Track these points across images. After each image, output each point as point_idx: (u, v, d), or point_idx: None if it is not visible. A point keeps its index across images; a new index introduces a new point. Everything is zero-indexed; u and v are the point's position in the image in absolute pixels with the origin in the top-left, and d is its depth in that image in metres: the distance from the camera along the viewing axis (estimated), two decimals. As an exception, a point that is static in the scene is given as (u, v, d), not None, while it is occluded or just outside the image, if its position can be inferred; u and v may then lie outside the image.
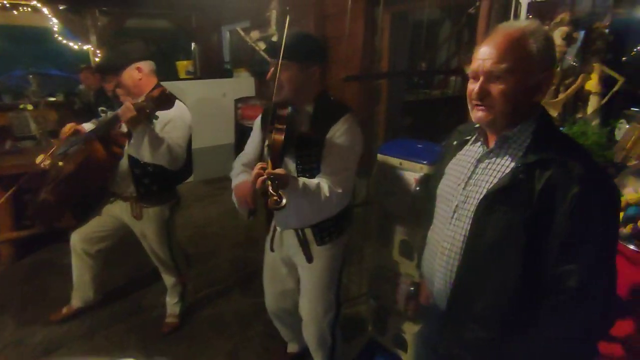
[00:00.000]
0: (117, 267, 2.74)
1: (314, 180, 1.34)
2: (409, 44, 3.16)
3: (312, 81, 1.40)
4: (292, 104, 1.38)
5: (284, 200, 1.08)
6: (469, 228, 0.97)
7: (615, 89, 1.91)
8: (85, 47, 4.48)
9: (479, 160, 1.01)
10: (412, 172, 1.61)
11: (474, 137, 1.07)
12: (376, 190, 1.77)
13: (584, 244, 0.84)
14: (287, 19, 1.33)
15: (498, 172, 0.95)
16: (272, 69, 1.36)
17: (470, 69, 0.94)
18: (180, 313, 2.27)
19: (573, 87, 1.96)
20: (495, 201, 0.92)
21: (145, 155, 1.73)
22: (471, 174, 1.02)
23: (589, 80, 1.98)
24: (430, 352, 1.28)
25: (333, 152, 1.37)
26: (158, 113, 1.64)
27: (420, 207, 1.59)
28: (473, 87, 0.93)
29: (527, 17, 2.37)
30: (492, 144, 0.99)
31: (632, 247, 1.31)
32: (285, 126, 1.29)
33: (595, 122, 1.90)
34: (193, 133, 1.96)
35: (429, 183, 1.59)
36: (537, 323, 0.89)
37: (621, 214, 1.32)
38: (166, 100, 1.59)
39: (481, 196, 0.95)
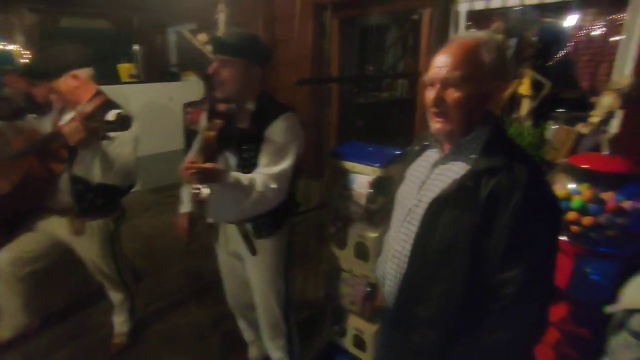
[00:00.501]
0: (56, 286, 2.52)
1: (249, 175, 1.39)
2: (358, 48, 3.23)
3: (254, 80, 1.46)
4: (233, 100, 1.45)
5: (204, 193, 1.20)
6: (417, 231, 1.00)
7: (544, 92, 2.09)
8: (10, 47, 4.07)
9: (434, 165, 1.04)
10: (365, 175, 1.64)
11: (430, 143, 1.10)
12: (330, 194, 1.79)
13: (522, 252, 0.87)
14: (223, 19, 1.41)
15: (450, 177, 0.98)
16: (216, 64, 1.42)
17: (427, 77, 0.97)
18: (130, 331, 2.14)
19: (508, 91, 2.11)
20: (443, 206, 0.94)
21: (96, 176, 1.61)
22: (426, 179, 1.05)
23: (522, 85, 2.14)
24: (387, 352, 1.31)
25: (270, 148, 1.43)
26: None
27: (373, 209, 1.63)
28: (428, 94, 0.96)
29: (466, 26, 2.52)
30: (447, 150, 1.02)
31: (563, 238, 1.44)
32: (221, 122, 1.36)
33: (528, 124, 2.06)
34: (140, 139, 1.86)
35: (386, 186, 1.65)
36: (482, 326, 0.92)
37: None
38: (124, 122, 1.49)
39: (430, 200, 0.98)
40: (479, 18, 2.51)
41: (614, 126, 1.90)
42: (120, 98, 1.84)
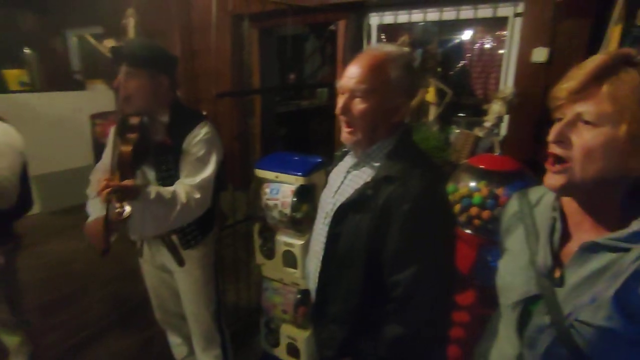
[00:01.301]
0: None
1: (170, 188, 1.37)
2: (278, 58, 3.26)
3: (163, 90, 1.42)
4: (144, 113, 1.40)
5: (127, 211, 1.16)
6: (327, 234, 1.06)
7: (446, 100, 2.32)
8: None
9: (348, 172, 1.10)
10: (289, 184, 1.67)
11: (348, 150, 1.15)
12: (256, 204, 1.78)
13: (410, 256, 0.92)
14: (132, 25, 1.34)
15: (358, 184, 1.03)
16: (121, 76, 1.35)
17: (338, 85, 1.01)
18: None
19: (416, 99, 2.31)
20: (347, 211, 1.00)
21: None
22: (340, 184, 1.10)
23: (428, 93, 2.36)
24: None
25: (190, 159, 1.41)
26: None
27: (298, 217, 1.67)
28: (340, 101, 1.00)
29: (378, 37, 2.71)
30: (357, 157, 1.08)
31: (468, 231, 1.61)
32: (135, 136, 1.31)
33: (435, 128, 2.27)
34: (40, 156, 1.66)
35: (309, 194, 1.69)
36: (381, 325, 0.97)
37: (457, 206, 1.61)
38: None
39: (339, 205, 1.04)
40: (388, 31, 2.72)
41: (503, 130, 2.19)
42: (10, 108, 1.63)
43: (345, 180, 1.10)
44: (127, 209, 1.18)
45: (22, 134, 1.66)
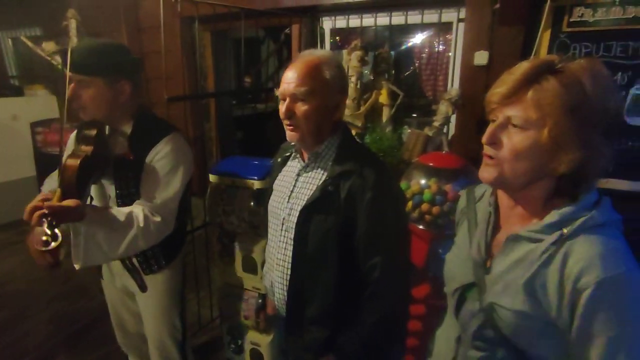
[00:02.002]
0: None
1: (126, 209, 1.22)
2: (234, 61, 3.22)
3: (122, 98, 1.26)
4: (103, 124, 1.27)
5: (55, 243, 0.97)
6: (293, 238, 1.07)
7: (399, 101, 2.40)
8: None
9: (298, 175, 1.12)
10: (245, 189, 1.66)
11: (293, 154, 1.18)
12: (213, 211, 1.75)
13: (381, 240, 0.99)
14: (74, 27, 1.21)
15: (313, 184, 1.07)
16: (72, 85, 1.20)
17: (278, 92, 1.04)
18: None
19: (370, 101, 2.38)
20: (312, 211, 1.03)
21: None
22: (293, 188, 1.12)
23: (381, 95, 2.43)
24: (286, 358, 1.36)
25: (152, 176, 1.28)
26: None
27: (256, 221, 1.66)
28: (282, 107, 1.03)
29: (331, 41, 2.76)
30: (306, 159, 1.11)
31: (420, 226, 1.68)
32: (89, 149, 1.17)
33: (388, 129, 2.35)
34: None
35: (263, 198, 1.69)
36: (360, 313, 1.03)
37: (410, 202, 1.68)
38: None
39: (300, 208, 1.06)
40: (340, 35, 2.77)
41: (451, 129, 2.31)
42: None
43: (297, 183, 1.11)
44: (58, 237, 0.98)
45: None
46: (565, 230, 0.68)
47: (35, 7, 3.48)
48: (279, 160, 1.23)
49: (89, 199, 1.33)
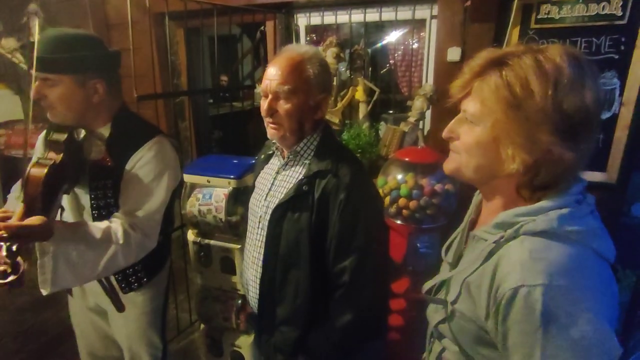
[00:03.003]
0: None
1: (102, 224, 1.09)
2: (209, 59, 3.15)
3: (96, 98, 1.13)
4: (77, 127, 1.15)
5: (14, 275, 0.81)
6: (265, 236, 1.06)
7: (375, 97, 2.42)
8: None
9: (277, 172, 1.10)
10: (221, 189, 1.62)
11: (273, 151, 1.16)
12: (189, 212, 1.71)
13: (351, 243, 0.97)
14: (36, 23, 1.08)
15: (290, 183, 1.05)
16: (37, 85, 1.07)
17: (260, 88, 1.02)
18: None
19: (346, 97, 2.38)
20: (285, 210, 1.02)
21: None
22: (271, 186, 1.10)
23: (357, 91, 2.44)
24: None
25: (134, 185, 1.15)
26: None
27: (234, 221, 1.63)
28: (264, 104, 1.01)
29: (306, 38, 2.74)
30: (285, 157, 1.09)
31: (398, 221, 1.70)
32: (58, 156, 1.04)
33: (365, 125, 2.36)
34: None
35: (244, 196, 1.66)
36: (329, 316, 1.02)
37: (387, 198, 1.69)
38: None
39: (273, 208, 1.04)
40: (316, 32, 2.76)
41: (426, 124, 2.34)
42: None
43: (275, 181, 1.10)
44: (21, 267, 0.83)
45: None
46: (505, 233, 0.64)
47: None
48: (262, 157, 1.21)
49: (59, 210, 1.19)
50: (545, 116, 0.59)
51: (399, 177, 1.72)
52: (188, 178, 1.71)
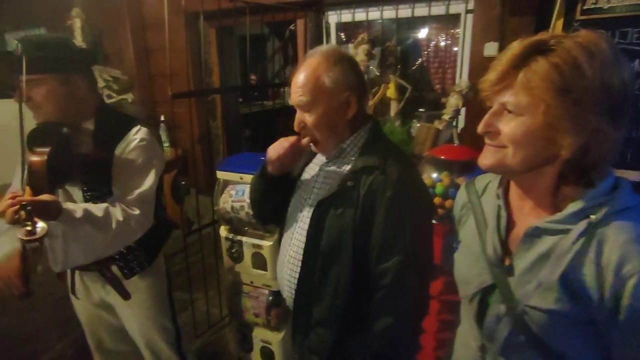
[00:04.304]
0: None
1: (102, 205, 1.17)
2: (239, 58, 3.20)
3: (79, 94, 1.20)
4: (65, 123, 1.20)
5: (40, 229, 0.93)
6: (306, 235, 1.02)
7: (407, 95, 2.37)
8: None
9: (321, 169, 1.08)
10: (254, 185, 1.63)
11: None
12: (222, 208, 1.73)
13: (396, 243, 0.93)
14: (79, 25, 1.14)
15: (334, 179, 1.02)
16: (20, 85, 1.10)
17: (291, 102, 1.02)
18: None
19: (378, 94, 2.35)
20: (328, 206, 0.99)
21: None
22: (315, 182, 1.08)
23: (389, 89, 2.40)
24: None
25: (124, 170, 1.23)
26: None
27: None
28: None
29: (337, 36, 2.73)
30: (326, 157, 1.07)
31: (433, 221, 1.65)
32: (49, 149, 1.09)
33: (397, 123, 2.31)
34: None
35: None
36: (369, 320, 0.97)
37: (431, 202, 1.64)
38: None
39: (317, 202, 1.02)
40: (347, 29, 2.74)
41: (462, 122, 2.27)
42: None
43: (319, 178, 1.08)
44: (41, 225, 0.94)
45: None
46: (593, 217, 0.63)
47: (39, 6, 3.48)
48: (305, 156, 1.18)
49: None
50: (593, 96, 0.60)
51: (434, 175, 1.67)
52: (221, 175, 1.74)
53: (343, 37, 2.77)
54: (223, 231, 1.79)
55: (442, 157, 1.68)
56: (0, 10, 3.88)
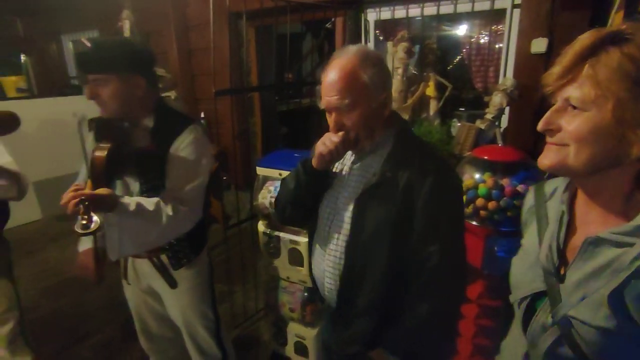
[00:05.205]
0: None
1: (154, 199, 1.23)
2: (276, 56, 3.26)
3: (139, 92, 1.27)
4: (125, 119, 1.29)
5: (94, 224, 1.01)
6: (350, 227, 1.05)
7: (447, 94, 2.32)
8: None
9: (353, 163, 1.10)
10: (293, 182, 1.66)
11: None
12: (260, 203, 1.77)
13: (438, 229, 0.97)
14: (128, 27, 1.23)
15: (369, 173, 1.05)
16: (89, 86, 1.22)
17: (322, 105, 1.01)
18: None
19: (417, 93, 2.31)
20: (369, 198, 1.01)
21: None
22: (349, 178, 1.10)
23: (428, 87, 2.35)
24: (328, 352, 1.34)
25: (177, 166, 1.29)
26: None
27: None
28: (330, 120, 1.01)
29: (375, 34, 2.71)
30: (360, 152, 1.08)
31: (474, 222, 1.61)
32: (111, 143, 1.19)
33: (436, 122, 2.27)
34: (39, 162, 1.62)
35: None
36: (411, 305, 1.00)
37: (464, 197, 1.60)
38: (10, 121, 1.35)
39: (357, 196, 1.04)
40: (385, 27, 2.71)
41: (505, 121, 2.19)
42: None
43: (352, 173, 1.10)
44: (95, 220, 1.02)
45: (20, 141, 1.63)
46: None
47: (92, 10, 3.70)
48: None
49: None
50: None
51: (477, 176, 1.62)
52: (261, 171, 1.77)
53: (378, 34, 2.74)
54: (261, 226, 1.83)
55: (485, 158, 1.63)
56: (57, 15, 4.17)
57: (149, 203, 1.21)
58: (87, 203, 1.02)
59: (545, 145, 0.68)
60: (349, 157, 1.14)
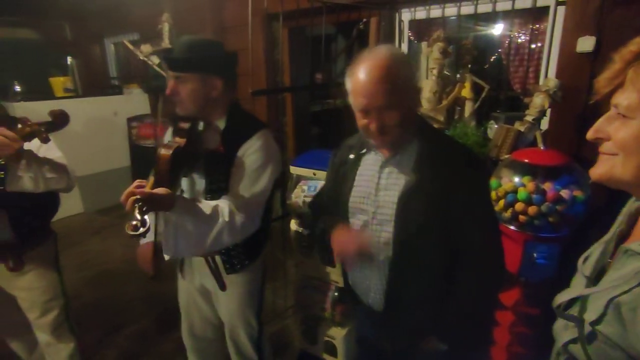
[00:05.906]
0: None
1: (212, 203, 1.21)
2: (308, 57, 3.29)
3: (217, 94, 1.27)
4: (199, 118, 1.31)
5: (143, 228, 0.96)
6: (393, 227, 1.05)
7: (484, 95, 2.25)
8: None
9: (382, 167, 1.09)
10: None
11: (366, 149, 1.14)
12: (294, 202, 1.79)
13: (478, 213, 1.04)
14: (167, 29, 1.27)
15: (403, 172, 1.05)
16: (171, 82, 1.25)
17: (357, 106, 1.00)
18: None
19: (452, 94, 2.26)
20: (411, 196, 1.02)
21: (39, 185, 1.40)
22: (378, 181, 1.09)
23: (464, 88, 2.30)
24: (365, 352, 1.34)
25: (242, 171, 1.26)
26: None
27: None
28: (366, 121, 0.99)
29: (409, 34, 2.67)
30: (387, 153, 1.08)
31: (512, 227, 1.56)
32: (182, 141, 1.21)
33: (472, 124, 2.21)
34: (82, 158, 1.70)
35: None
36: (457, 289, 1.07)
37: (501, 201, 1.56)
38: (61, 118, 1.38)
39: (396, 198, 1.04)
40: (420, 27, 2.67)
41: (545, 123, 2.11)
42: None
43: (383, 176, 1.09)
44: (146, 223, 0.98)
45: (67, 138, 1.70)
46: None
47: (133, 14, 3.86)
48: (352, 157, 1.18)
49: (180, 191, 1.38)
50: None
51: (516, 179, 1.57)
52: (295, 170, 1.80)
53: (410, 35, 2.70)
54: (294, 225, 1.85)
55: (527, 161, 1.58)
56: (100, 19, 4.38)
57: (207, 206, 1.19)
58: (141, 204, 1.00)
59: (599, 155, 0.66)
60: (377, 159, 1.12)
